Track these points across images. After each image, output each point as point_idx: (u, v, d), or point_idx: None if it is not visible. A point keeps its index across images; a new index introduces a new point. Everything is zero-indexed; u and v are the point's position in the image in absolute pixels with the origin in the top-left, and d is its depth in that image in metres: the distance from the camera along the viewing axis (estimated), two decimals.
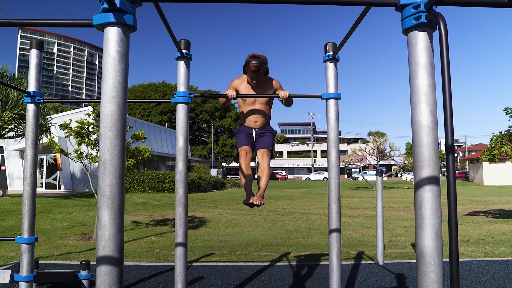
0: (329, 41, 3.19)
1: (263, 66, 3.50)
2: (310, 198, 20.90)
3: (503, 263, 5.37)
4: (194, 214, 12.98)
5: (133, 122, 25.40)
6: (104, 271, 1.38)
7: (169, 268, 5.19)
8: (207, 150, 56.08)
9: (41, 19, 1.72)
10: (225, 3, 1.60)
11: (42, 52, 3.31)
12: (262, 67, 3.49)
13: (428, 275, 1.43)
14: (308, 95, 3.55)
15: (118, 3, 1.43)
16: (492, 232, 8.80)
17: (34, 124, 3.27)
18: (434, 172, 1.45)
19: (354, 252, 6.44)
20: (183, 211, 3.13)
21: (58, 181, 23.40)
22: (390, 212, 13.49)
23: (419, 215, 1.46)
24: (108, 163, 1.41)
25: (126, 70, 1.47)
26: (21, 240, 3.16)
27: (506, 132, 11.43)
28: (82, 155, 8.52)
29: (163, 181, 23.11)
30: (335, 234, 3.12)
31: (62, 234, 8.93)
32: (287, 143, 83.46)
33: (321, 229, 9.67)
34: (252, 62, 3.47)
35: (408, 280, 4.59)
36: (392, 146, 31.83)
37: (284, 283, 4.50)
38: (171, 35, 2.59)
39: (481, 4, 1.50)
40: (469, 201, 18.51)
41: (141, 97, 54.46)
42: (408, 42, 1.52)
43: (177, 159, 3.15)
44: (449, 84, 1.29)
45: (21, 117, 14.84)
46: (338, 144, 3.17)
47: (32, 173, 3.26)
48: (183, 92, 3.15)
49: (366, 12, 2.03)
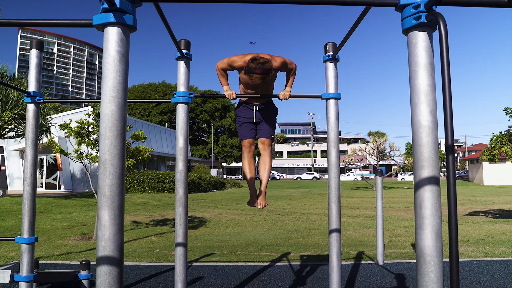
0: (329, 41, 3.19)
1: (268, 75, 3.17)
2: (310, 198, 20.89)
3: (503, 263, 5.37)
4: (194, 214, 12.98)
5: (133, 122, 25.40)
6: (104, 271, 1.38)
7: (169, 268, 5.19)
8: (207, 150, 56.06)
9: (41, 19, 1.72)
10: (225, 3, 1.60)
11: (42, 52, 3.31)
12: (267, 76, 3.18)
13: (428, 275, 1.43)
14: (308, 95, 3.55)
15: (118, 3, 1.43)
16: (492, 232, 8.80)
17: (34, 124, 3.27)
18: (434, 172, 1.45)
19: (354, 252, 6.44)
20: (183, 211, 3.13)
21: (58, 181, 23.40)
22: (390, 212, 13.49)
23: (419, 215, 1.46)
24: (108, 163, 1.41)
25: (126, 70, 1.47)
26: (21, 240, 3.16)
27: (506, 132, 11.42)
28: (82, 155, 8.52)
29: (163, 181, 23.11)
30: (335, 234, 3.12)
31: (62, 234, 8.93)
32: (287, 143, 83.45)
33: (321, 229, 9.66)
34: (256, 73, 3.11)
35: (408, 280, 4.59)
36: (392, 146, 31.83)
37: (284, 283, 4.50)
38: (171, 35, 2.59)
39: (481, 4, 1.50)
40: (469, 201, 18.51)
41: (141, 97, 54.43)
42: (408, 42, 1.52)
43: (177, 159, 3.15)
44: (449, 84, 1.29)
45: (21, 117, 14.84)
46: (338, 144, 3.17)
47: (32, 173, 3.26)
48: (183, 92, 3.15)
49: (366, 12, 2.03)
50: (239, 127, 3.68)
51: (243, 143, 3.65)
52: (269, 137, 3.64)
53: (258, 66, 3.10)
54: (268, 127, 3.64)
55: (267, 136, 3.63)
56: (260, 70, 3.10)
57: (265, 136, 3.63)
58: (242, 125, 3.64)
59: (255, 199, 3.66)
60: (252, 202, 3.68)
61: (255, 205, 3.65)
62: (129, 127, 9.45)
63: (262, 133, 3.64)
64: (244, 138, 3.64)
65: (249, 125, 3.63)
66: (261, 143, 3.66)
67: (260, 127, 3.64)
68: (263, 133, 3.64)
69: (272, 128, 3.67)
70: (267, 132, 3.64)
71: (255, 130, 3.65)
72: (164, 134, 34.90)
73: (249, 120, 3.63)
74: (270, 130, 3.65)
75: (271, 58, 3.27)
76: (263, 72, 3.11)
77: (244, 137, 3.64)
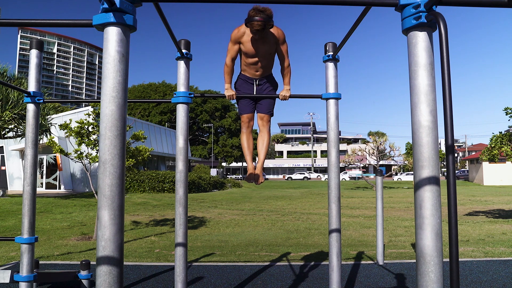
0: (329, 41, 3.19)
1: (268, 24, 3.08)
2: (310, 198, 20.89)
3: (503, 263, 5.37)
4: (194, 214, 12.98)
5: (133, 122, 25.39)
6: (104, 271, 1.38)
7: (169, 268, 5.19)
8: (207, 150, 56.06)
9: (41, 19, 1.72)
10: (225, 3, 1.60)
11: (42, 52, 3.31)
12: (268, 24, 3.09)
13: (428, 275, 1.43)
14: (308, 95, 3.55)
15: (118, 3, 1.43)
16: (492, 232, 8.80)
17: (34, 124, 3.27)
18: (434, 172, 1.45)
19: (354, 252, 6.44)
20: (183, 211, 3.13)
21: (58, 181, 23.39)
22: (390, 212, 13.49)
23: (419, 215, 1.46)
24: (108, 163, 1.41)
25: (126, 70, 1.47)
26: (21, 240, 3.16)
27: (506, 132, 11.42)
28: (82, 155, 8.52)
29: (163, 181, 23.10)
30: (335, 234, 3.12)
31: (62, 234, 8.93)
32: (287, 143, 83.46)
33: (321, 229, 9.66)
34: (256, 19, 3.03)
35: (408, 280, 4.59)
36: (392, 146, 31.81)
37: (284, 283, 4.50)
38: (171, 35, 2.59)
39: (481, 4, 1.50)
40: (469, 201, 18.51)
41: (141, 97, 54.43)
42: (408, 42, 1.52)
43: (177, 159, 3.15)
44: (449, 84, 1.29)
45: (21, 117, 14.83)
46: (338, 144, 3.17)
47: (32, 173, 3.26)
48: (183, 92, 3.15)
49: (366, 12, 2.03)
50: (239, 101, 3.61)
51: (242, 117, 3.59)
52: (268, 113, 3.57)
53: (258, 14, 3.04)
54: (267, 102, 3.56)
55: (266, 111, 3.56)
56: (261, 17, 3.03)
57: (264, 112, 3.56)
58: (242, 101, 3.57)
59: (252, 175, 3.61)
60: (250, 178, 3.64)
61: (252, 181, 3.64)
62: (129, 127, 9.45)
63: (262, 109, 3.57)
64: (243, 112, 3.58)
65: (249, 99, 3.56)
66: (260, 119, 3.59)
67: (259, 102, 3.57)
68: (262, 109, 3.57)
69: (271, 104, 3.59)
70: (266, 108, 3.56)
71: (254, 105, 3.58)
72: (164, 134, 34.90)
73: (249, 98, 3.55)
74: (269, 105, 3.57)
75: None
76: (264, 19, 3.04)
77: (243, 111, 3.57)
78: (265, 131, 3.60)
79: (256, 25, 3.06)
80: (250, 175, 3.62)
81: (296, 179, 57.34)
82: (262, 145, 3.59)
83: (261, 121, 3.60)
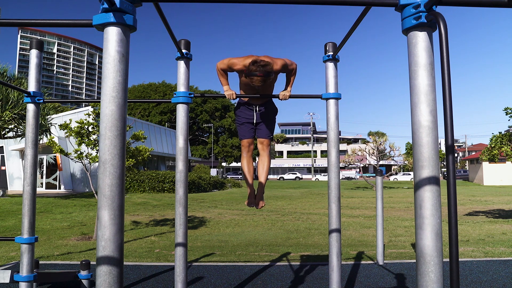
0: (329, 41, 3.19)
1: (269, 78, 3.15)
2: (310, 198, 20.90)
3: (503, 263, 5.37)
4: (194, 214, 12.98)
5: (133, 122, 25.39)
6: (104, 271, 1.38)
7: (169, 268, 5.19)
8: (207, 150, 56.08)
9: (41, 19, 1.72)
10: (225, 3, 1.60)
11: (42, 52, 3.31)
12: (268, 79, 3.15)
13: (428, 275, 1.43)
14: (308, 95, 3.55)
15: (118, 3, 1.43)
16: (492, 232, 8.80)
17: (34, 124, 3.27)
18: (434, 172, 1.45)
19: (354, 252, 6.44)
20: (183, 211, 3.13)
21: (58, 181, 23.40)
22: (390, 212, 13.49)
23: (419, 215, 1.46)
24: (108, 163, 1.41)
25: (126, 70, 1.47)
26: (21, 240, 3.16)
27: (506, 132, 11.42)
28: (82, 155, 8.52)
29: (163, 181, 23.11)
30: (335, 234, 3.12)
31: (62, 234, 8.93)
32: (287, 143, 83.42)
33: (321, 229, 9.66)
34: (256, 74, 3.09)
35: (408, 280, 4.59)
36: (392, 146, 31.82)
37: (284, 283, 4.50)
38: (171, 35, 2.59)
39: (481, 4, 1.50)
40: (469, 201, 18.51)
41: (141, 97, 54.45)
42: (408, 42, 1.52)
43: (177, 159, 3.15)
44: (449, 84, 1.29)
45: (21, 117, 14.83)
46: (338, 144, 3.17)
47: (32, 173, 3.26)
48: (183, 92, 3.15)
49: (366, 12, 2.03)
50: (238, 127, 3.71)
51: (242, 142, 3.69)
52: (268, 138, 3.68)
53: (258, 69, 3.07)
54: (267, 127, 3.66)
55: (266, 136, 3.66)
56: (261, 73, 3.08)
57: (264, 137, 3.66)
58: (242, 125, 3.67)
59: (253, 199, 3.69)
60: (251, 202, 3.70)
61: (253, 205, 3.68)
62: (129, 127, 9.45)
63: (261, 133, 3.66)
64: (244, 138, 3.66)
65: (249, 125, 3.65)
66: (260, 143, 3.69)
67: (259, 127, 3.66)
68: (262, 134, 3.66)
69: (271, 129, 3.70)
70: (266, 133, 3.66)
71: (254, 130, 3.68)
72: (164, 134, 34.90)
73: (249, 121, 3.65)
74: (269, 130, 3.68)
75: (272, 60, 3.25)
76: (264, 74, 3.09)
77: (244, 136, 3.66)
78: (265, 155, 3.67)
79: (256, 81, 3.13)
80: (251, 199, 3.67)
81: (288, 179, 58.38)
82: (263, 170, 3.66)
83: (261, 145, 3.68)
